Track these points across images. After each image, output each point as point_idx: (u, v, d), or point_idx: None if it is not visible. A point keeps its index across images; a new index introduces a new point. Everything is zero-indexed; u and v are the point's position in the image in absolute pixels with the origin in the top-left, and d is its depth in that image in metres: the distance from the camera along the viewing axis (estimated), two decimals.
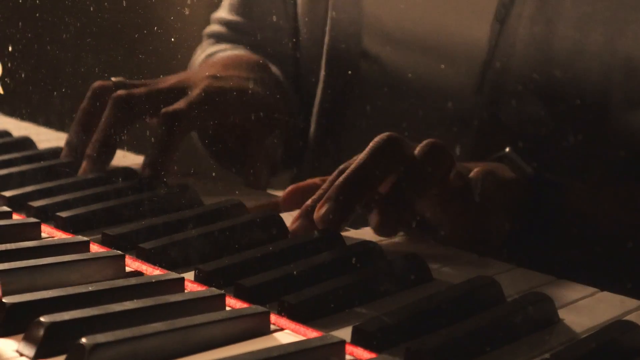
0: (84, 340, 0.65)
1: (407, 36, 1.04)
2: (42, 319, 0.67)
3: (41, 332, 0.67)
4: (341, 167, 0.89)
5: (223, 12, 1.19)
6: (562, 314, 0.78)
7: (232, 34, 1.19)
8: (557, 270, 0.85)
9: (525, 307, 0.75)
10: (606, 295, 0.81)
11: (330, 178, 0.89)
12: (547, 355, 0.68)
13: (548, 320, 0.76)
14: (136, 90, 1.02)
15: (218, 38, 1.20)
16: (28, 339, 0.67)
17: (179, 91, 1.03)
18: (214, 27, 1.20)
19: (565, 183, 0.92)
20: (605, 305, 0.79)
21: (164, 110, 1.00)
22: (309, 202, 0.89)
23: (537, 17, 0.96)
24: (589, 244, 0.90)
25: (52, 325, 0.67)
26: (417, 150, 0.85)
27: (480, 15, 1.00)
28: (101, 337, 0.65)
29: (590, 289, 0.82)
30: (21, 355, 0.67)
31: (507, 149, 0.93)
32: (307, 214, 0.88)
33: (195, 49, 1.19)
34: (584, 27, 0.93)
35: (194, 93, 1.02)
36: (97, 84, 1.04)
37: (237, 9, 1.19)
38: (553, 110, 0.95)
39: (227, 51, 1.17)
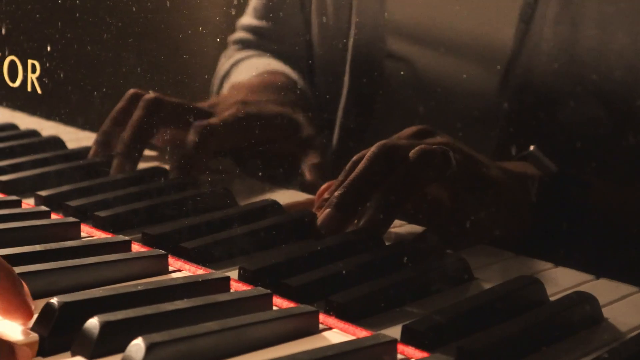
0: (140, 339, 0.65)
1: (432, 37, 1.04)
2: (96, 318, 0.68)
3: (96, 331, 0.67)
4: (354, 158, 0.93)
5: (247, 18, 1.19)
6: (606, 312, 0.78)
7: (257, 39, 1.19)
8: (596, 268, 0.85)
9: (572, 306, 0.76)
10: None
11: (346, 168, 0.92)
12: (604, 354, 0.68)
13: (593, 319, 0.77)
14: (168, 98, 1.04)
15: (243, 44, 1.20)
16: (83, 338, 0.68)
17: (209, 111, 1.05)
18: (239, 34, 1.20)
19: (590, 181, 0.93)
20: None
21: (196, 122, 1.03)
22: (326, 194, 0.93)
23: (561, 17, 0.96)
24: (623, 242, 0.90)
25: (107, 325, 0.67)
26: (409, 156, 0.88)
27: (505, 15, 1.00)
28: (157, 337, 0.65)
29: (633, 288, 0.82)
30: (75, 354, 0.68)
31: (532, 147, 0.94)
32: (322, 206, 0.92)
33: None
34: (608, 26, 0.93)
35: (226, 113, 1.04)
36: (132, 91, 1.06)
37: (261, 14, 1.18)
38: (578, 110, 0.96)
39: (252, 58, 1.17)
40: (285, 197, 1.00)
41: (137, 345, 0.65)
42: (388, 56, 1.07)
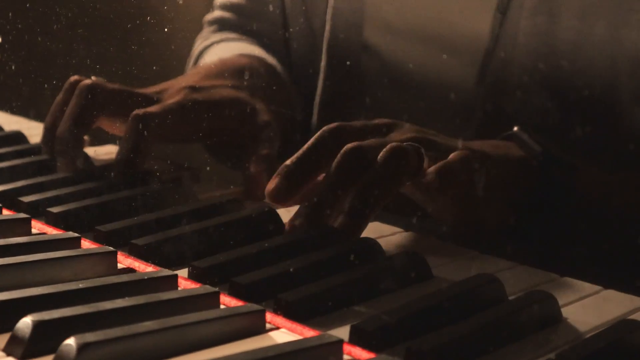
0: (72, 339, 0.62)
1: (408, 27, 1.02)
2: (29, 317, 0.65)
3: (28, 331, 0.65)
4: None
5: None
6: (566, 312, 0.76)
7: (237, 18, 1.15)
8: (561, 267, 0.83)
9: (528, 305, 0.73)
10: (612, 293, 0.79)
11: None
12: (552, 355, 0.66)
13: (551, 319, 0.74)
14: (108, 85, 1.00)
15: (222, 24, 1.17)
16: (15, 338, 0.65)
17: (155, 99, 1.01)
18: (216, 13, 1.16)
19: (573, 166, 0.90)
20: (610, 303, 0.77)
21: (134, 112, 0.98)
22: (288, 162, 0.88)
23: (539, 7, 0.94)
24: (597, 234, 0.88)
25: (40, 324, 0.65)
26: (379, 156, 0.84)
27: (482, 5, 0.98)
28: (91, 336, 0.63)
29: (595, 287, 0.80)
30: (8, 355, 0.65)
31: (515, 128, 0.91)
32: (285, 174, 0.88)
33: (192, 39, 1.16)
34: (587, 17, 0.91)
35: (170, 101, 1.00)
36: (73, 78, 1.02)
37: None
38: (557, 102, 0.94)
39: (232, 42, 1.14)
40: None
41: (69, 345, 0.62)
42: (364, 45, 1.05)
